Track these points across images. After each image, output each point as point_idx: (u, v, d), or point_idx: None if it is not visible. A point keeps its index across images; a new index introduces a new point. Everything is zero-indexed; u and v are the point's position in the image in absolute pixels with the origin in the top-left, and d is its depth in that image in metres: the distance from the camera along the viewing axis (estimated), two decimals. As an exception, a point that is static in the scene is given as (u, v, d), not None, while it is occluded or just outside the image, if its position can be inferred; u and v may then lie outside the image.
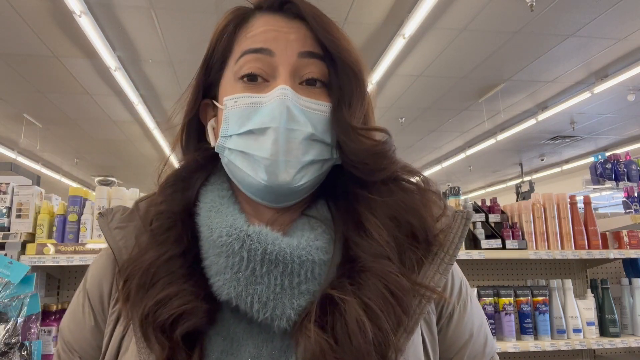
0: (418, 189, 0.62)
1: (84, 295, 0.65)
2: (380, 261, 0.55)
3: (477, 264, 2.52)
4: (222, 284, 0.55)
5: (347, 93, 0.60)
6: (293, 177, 0.57)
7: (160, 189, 0.64)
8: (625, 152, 3.13)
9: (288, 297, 0.54)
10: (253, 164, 0.58)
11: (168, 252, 0.58)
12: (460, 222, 0.62)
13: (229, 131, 0.60)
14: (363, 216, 0.59)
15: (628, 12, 4.24)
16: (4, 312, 1.68)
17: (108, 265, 0.66)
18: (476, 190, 13.02)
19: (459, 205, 2.29)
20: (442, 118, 7.19)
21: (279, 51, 0.59)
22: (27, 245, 1.92)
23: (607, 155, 3.11)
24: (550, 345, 2.14)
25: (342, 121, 0.59)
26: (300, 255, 0.55)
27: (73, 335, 0.64)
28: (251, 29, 0.62)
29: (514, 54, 5.04)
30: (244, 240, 0.55)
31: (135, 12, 4.16)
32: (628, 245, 2.41)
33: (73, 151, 8.78)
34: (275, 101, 0.57)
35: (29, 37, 4.55)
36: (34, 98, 6.13)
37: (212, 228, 0.58)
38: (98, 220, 0.68)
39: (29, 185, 2.13)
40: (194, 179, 0.65)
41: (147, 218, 0.62)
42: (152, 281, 0.56)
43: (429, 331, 0.61)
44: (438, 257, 0.59)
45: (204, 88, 0.65)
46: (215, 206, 0.61)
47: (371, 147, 0.59)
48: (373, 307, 0.52)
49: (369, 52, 4.96)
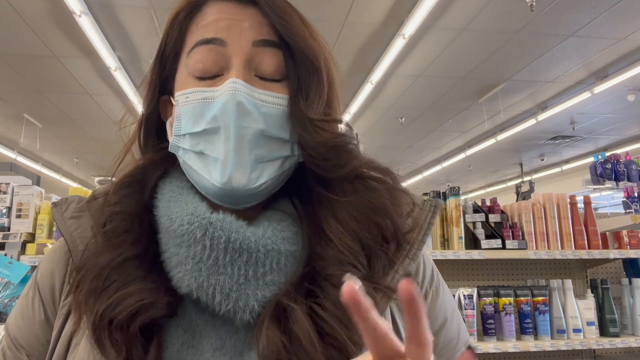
0: (385, 187, 0.58)
1: (34, 289, 0.62)
2: (342, 268, 0.53)
3: (477, 264, 2.52)
4: (183, 275, 0.53)
5: (305, 84, 0.56)
6: (248, 178, 0.53)
7: (115, 189, 0.60)
8: (625, 152, 3.14)
9: (252, 288, 0.52)
10: (207, 165, 0.54)
11: (123, 254, 0.55)
12: (429, 210, 0.61)
13: (182, 130, 0.56)
14: (324, 222, 0.56)
15: (628, 12, 4.24)
16: (4, 312, 1.68)
17: (61, 256, 0.62)
18: (476, 190, 13.02)
19: (459, 206, 2.29)
20: (442, 118, 7.19)
21: (231, 41, 0.55)
22: (27, 245, 1.93)
23: (607, 155, 3.11)
24: (550, 345, 2.14)
25: (299, 114, 0.55)
26: (266, 245, 0.53)
27: (20, 331, 0.61)
28: (203, 17, 0.58)
29: (514, 54, 5.04)
30: (207, 228, 0.52)
31: (135, 12, 4.16)
32: (628, 245, 2.41)
33: (73, 151, 8.79)
34: (225, 96, 0.53)
35: (29, 37, 4.55)
36: (34, 98, 6.13)
37: (171, 218, 0.55)
38: (51, 210, 0.63)
39: (29, 185, 2.13)
40: (150, 175, 0.61)
41: (100, 219, 0.58)
42: (105, 285, 0.53)
43: (402, 314, 0.58)
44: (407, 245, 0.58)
45: (161, 83, 0.62)
46: (174, 196, 0.58)
47: (329, 139, 0.55)
48: (324, 315, 0.50)
49: (369, 52, 4.97)
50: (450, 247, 2.27)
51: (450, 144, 8.68)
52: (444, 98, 6.31)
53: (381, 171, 0.58)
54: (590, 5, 4.10)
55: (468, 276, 2.51)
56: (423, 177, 10.95)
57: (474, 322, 2.14)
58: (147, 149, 0.64)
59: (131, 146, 0.64)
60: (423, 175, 10.79)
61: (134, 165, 0.62)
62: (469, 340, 0.66)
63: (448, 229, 2.30)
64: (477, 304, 2.19)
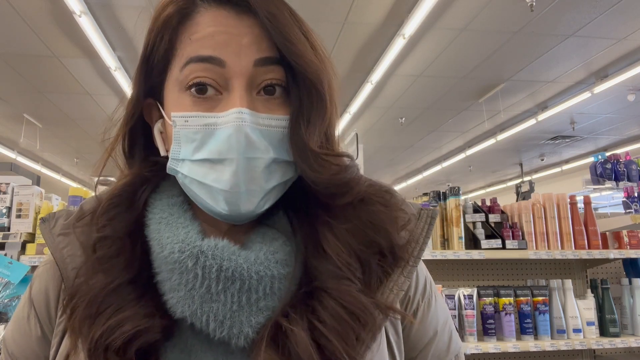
0: (385, 206, 0.57)
1: (29, 304, 0.61)
2: (339, 281, 0.52)
3: (477, 264, 2.52)
4: (176, 302, 0.52)
5: (306, 107, 0.54)
6: (256, 205, 0.53)
7: (103, 210, 0.57)
8: (625, 152, 3.14)
9: (246, 315, 0.52)
10: (213, 195, 0.53)
11: (116, 280, 0.53)
12: (426, 221, 0.61)
13: (181, 154, 0.54)
14: (322, 237, 0.55)
15: (628, 12, 4.24)
16: (4, 312, 1.68)
17: (53, 274, 0.61)
18: (476, 190, 13.02)
19: (459, 206, 2.29)
20: (442, 118, 7.19)
21: (231, 60, 0.52)
22: (27, 245, 1.93)
23: (607, 155, 3.11)
24: (550, 345, 2.14)
25: (299, 142, 0.53)
26: (259, 271, 0.52)
27: (18, 346, 0.60)
28: (196, 28, 0.53)
29: (514, 54, 5.04)
30: (198, 257, 0.51)
31: (135, 12, 4.16)
32: (628, 245, 2.41)
33: (73, 151, 8.79)
34: (231, 127, 0.51)
35: (29, 37, 4.55)
36: (34, 98, 6.13)
37: (162, 244, 0.53)
38: (39, 226, 0.62)
39: (29, 185, 2.13)
40: (139, 192, 0.59)
41: (88, 243, 0.56)
42: (99, 311, 0.52)
43: (395, 332, 0.59)
44: (403, 260, 0.57)
45: (146, 88, 0.59)
46: (164, 217, 0.56)
47: (332, 177, 0.54)
48: (324, 330, 0.50)
49: (369, 52, 4.97)
50: (450, 247, 2.27)
51: (450, 144, 8.68)
52: (444, 98, 6.31)
53: (382, 193, 0.58)
54: (590, 5, 4.10)
55: (468, 276, 2.51)
56: (423, 177, 10.95)
57: (474, 322, 2.14)
58: (133, 157, 0.62)
59: (113, 150, 0.62)
60: (423, 175, 10.79)
61: (122, 182, 0.60)
62: (460, 351, 0.66)
63: (448, 229, 2.30)
64: (477, 304, 2.19)
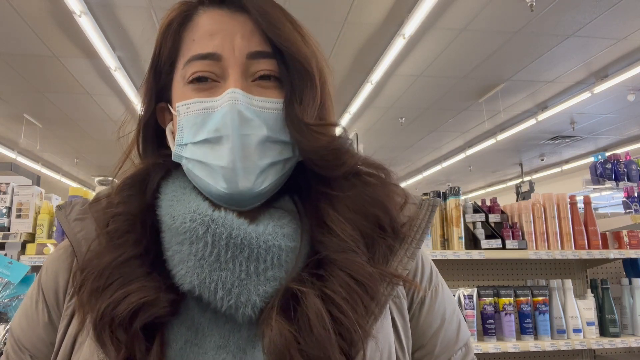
0: (380, 182, 0.61)
1: (38, 290, 0.63)
2: (345, 253, 0.55)
3: (477, 264, 2.52)
4: (185, 272, 0.54)
5: (298, 88, 0.58)
6: (254, 183, 0.55)
7: (118, 190, 0.62)
8: (625, 152, 3.14)
9: (254, 284, 0.53)
10: (212, 173, 0.56)
11: (125, 253, 0.56)
12: (427, 209, 0.63)
13: (184, 139, 0.58)
14: (325, 214, 0.58)
15: (628, 12, 4.24)
16: (4, 312, 1.68)
17: (65, 258, 0.63)
18: (476, 190, 13.02)
19: (459, 206, 2.29)
20: (442, 118, 7.19)
21: (226, 54, 0.57)
22: (27, 245, 1.93)
23: (607, 155, 3.11)
24: (550, 345, 2.14)
25: (294, 118, 0.57)
26: (267, 241, 0.54)
27: (24, 332, 0.61)
28: (196, 29, 0.60)
29: (514, 54, 5.04)
30: (209, 225, 0.54)
31: (135, 12, 4.16)
32: (628, 245, 2.41)
33: (73, 151, 8.78)
34: (225, 106, 0.55)
35: (29, 37, 4.55)
36: (34, 98, 6.13)
37: (174, 216, 0.56)
38: (56, 213, 0.65)
39: (29, 185, 2.13)
40: (152, 177, 0.62)
41: (103, 220, 0.60)
42: (107, 283, 0.54)
43: (400, 315, 0.61)
44: (406, 242, 0.60)
45: (157, 91, 0.64)
46: (177, 195, 0.59)
47: (327, 144, 0.57)
48: (335, 298, 0.52)
49: (369, 52, 4.97)
50: (450, 247, 2.27)
51: (450, 144, 8.68)
52: (444, 98, 6.31)
53: (375, 167, 0.62)
54: (590, 5, 4.10)
55: (468, 276, 2.51)
56: (423, 177, 10.96)
57: (474, 322, 2.14)
58: (147, 155, 0.66)
59: (130, 152, 0.66)
60: (423, 175, 10.79)
61: (137, 167, 0.64)
62: (469, 340, 0.66)
63: (448, 229, 2.30)
64: (477, 304, 2.19)
